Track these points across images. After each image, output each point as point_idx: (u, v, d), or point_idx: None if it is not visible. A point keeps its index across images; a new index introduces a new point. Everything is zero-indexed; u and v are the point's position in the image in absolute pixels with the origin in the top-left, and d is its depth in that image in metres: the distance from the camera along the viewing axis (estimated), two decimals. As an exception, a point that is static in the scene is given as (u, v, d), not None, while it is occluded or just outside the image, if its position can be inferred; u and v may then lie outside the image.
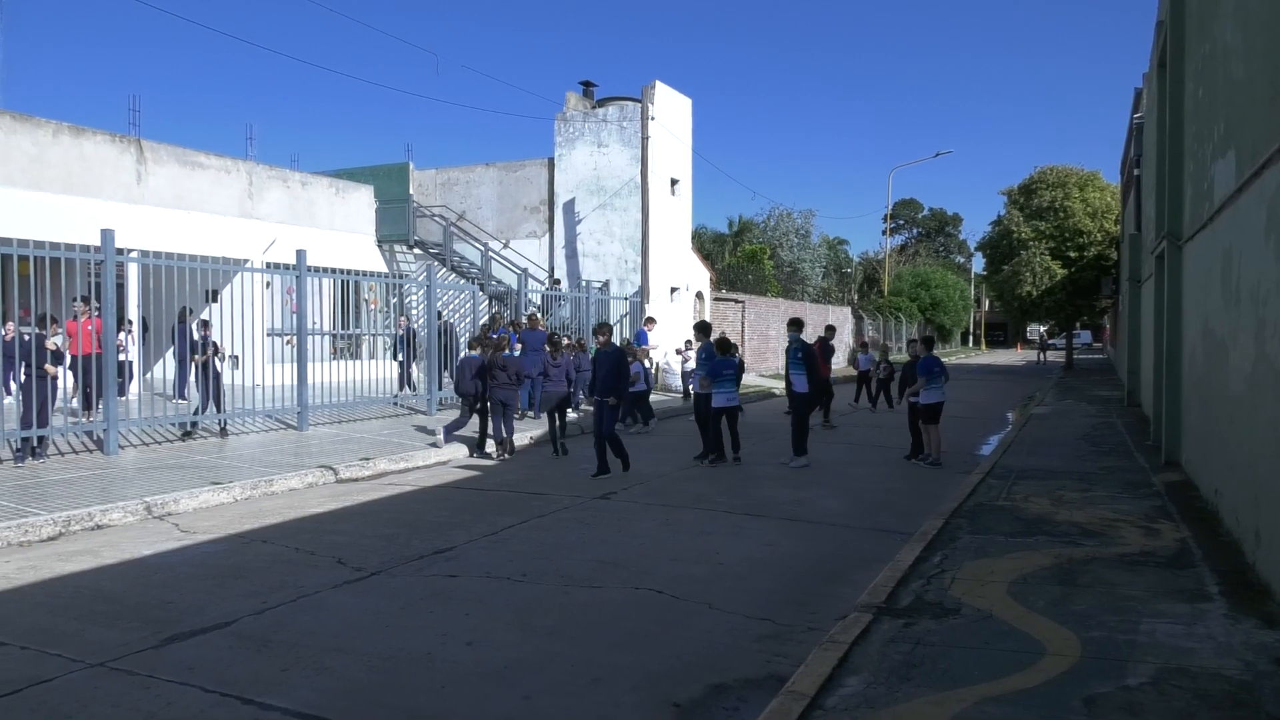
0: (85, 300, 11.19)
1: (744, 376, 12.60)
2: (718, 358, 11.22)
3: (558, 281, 22.89)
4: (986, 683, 3.89)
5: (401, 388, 16.04)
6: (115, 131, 16.97)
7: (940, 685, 3.87)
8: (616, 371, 10.20)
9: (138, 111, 42.40)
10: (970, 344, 68.91)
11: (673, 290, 23.49)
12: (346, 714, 3.79)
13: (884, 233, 56.70)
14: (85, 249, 10.36)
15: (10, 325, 9.86)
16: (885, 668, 4.09)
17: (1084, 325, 53.87)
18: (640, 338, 18.24)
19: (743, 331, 27.81)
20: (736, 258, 42.08)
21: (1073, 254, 32.32)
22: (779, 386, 15.21)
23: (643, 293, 21.67)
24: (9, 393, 10.39)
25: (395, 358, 16.69)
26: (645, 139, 21.56)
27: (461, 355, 13.17)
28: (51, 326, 9.66)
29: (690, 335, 16.82)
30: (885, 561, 6.13)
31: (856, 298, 54.63)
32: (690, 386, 17.84)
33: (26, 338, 9.01)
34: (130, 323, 14.20)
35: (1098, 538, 6.61)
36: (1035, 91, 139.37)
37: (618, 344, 11.50)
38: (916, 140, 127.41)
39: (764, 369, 28.05)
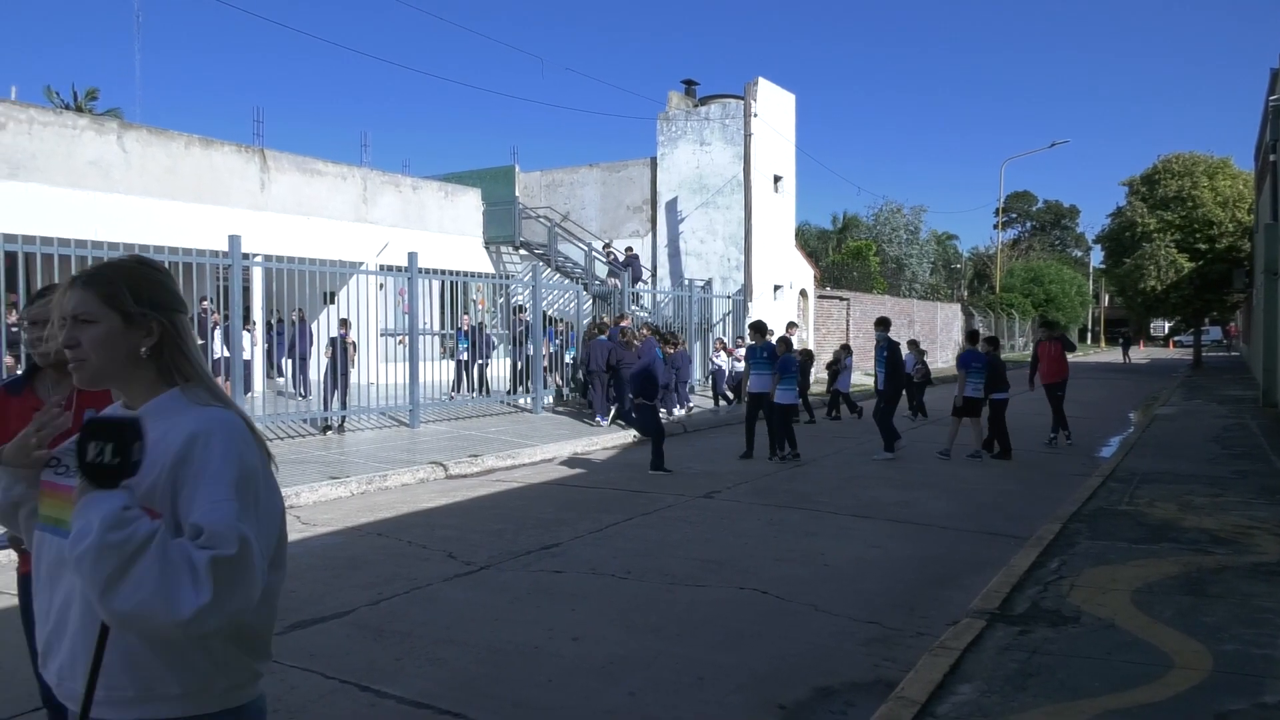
0: (205, 299, 11.84)
1: (851, 375, 12.75)
2: (781, 356, 11.44)
3: (627, 272, 22.96)
4: (1109, 695, 3.73)
5: (457, 388, 16.14)
6: (241, 142, 17.86)
7: (1059, 696, 3.73)
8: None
9: (261, 122, 44.48)
10: (1089, 341, 66.08)
11: (776, 288, 23.28)
12: (457, 704, 3.89)
13: (995, 227, 54.84)
14: (214, 254, 10.93)
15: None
16: (1000, 676, 3.97)
17: (1212, 321, 50.96)
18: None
19: (847, 329, 27.37)
20: (841, 255, 41.43)
21: (1201, 246, 30.63)
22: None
23: (746, 291, 21.56)
24: None
25: (455, 357, 16.84)
26: (748, 136, 21.44)
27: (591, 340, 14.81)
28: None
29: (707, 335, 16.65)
30: (997, 566, 5.94)
31: (966, 294, 53.00)
32: (723, 388, 17.60)
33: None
34: (254, 323, 14.92)
35: (1230, 545, 6.25)
36: (1157, 76, 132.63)
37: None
38: (1030, 130, 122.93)
39: (869, 368, 27.48)
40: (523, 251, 23.30)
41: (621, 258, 21.53)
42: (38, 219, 13.61)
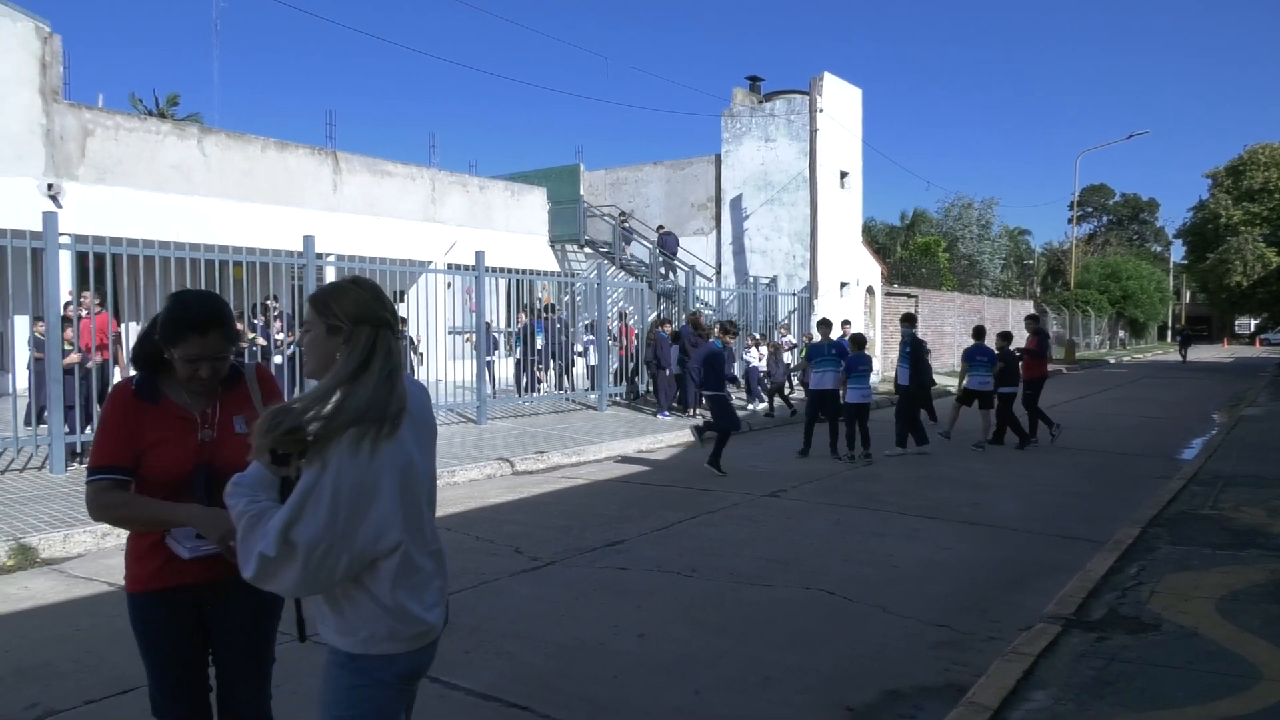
0: (276, 299, 12.19)
1: (930, 374, 12.75)
2: (852, 354, 11.34)
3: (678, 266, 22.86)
4: (1192, 706, 3.61)
5: (519, 385, 16.12)
6: (314, 144, 18.29)
7: (1138, 705, 3.62)
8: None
9: (334, 125, 45.47)
10: (1169, 339, 63.94)
11: (842, 285, 23.01)
12: (524, 698, 3.94)
13: (1070, 221, 53.45)
14: (289, 254, 11.21)
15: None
16: (1076, 683, 3.86)
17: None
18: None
19: (916, 327, 26.90)
20: (909, 251, 40.76)
21: (1291, 239, 29.40)
22: (954, 384, 14.63)
23: (811, 288, 21.35)
24: None
25: (512, 354, 16.87)
26: (813, 132, 21.21)
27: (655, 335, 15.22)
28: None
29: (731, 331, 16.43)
30: (1073, 570, 5.79)
31: (1039, 291, 51.71)
32: (757, 388, 17.18)
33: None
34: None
35: (1323, 553, 5.99)
36: (1240, 64, 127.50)
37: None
38: (1107, 122, 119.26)
39: (938, 366, 27.01)
40: (588, 250, 23.43)
41: (654, 235, 21.66)
42: (124, 221, 14.13)
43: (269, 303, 12.36)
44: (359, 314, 1.98)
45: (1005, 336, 12.68)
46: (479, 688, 4.02)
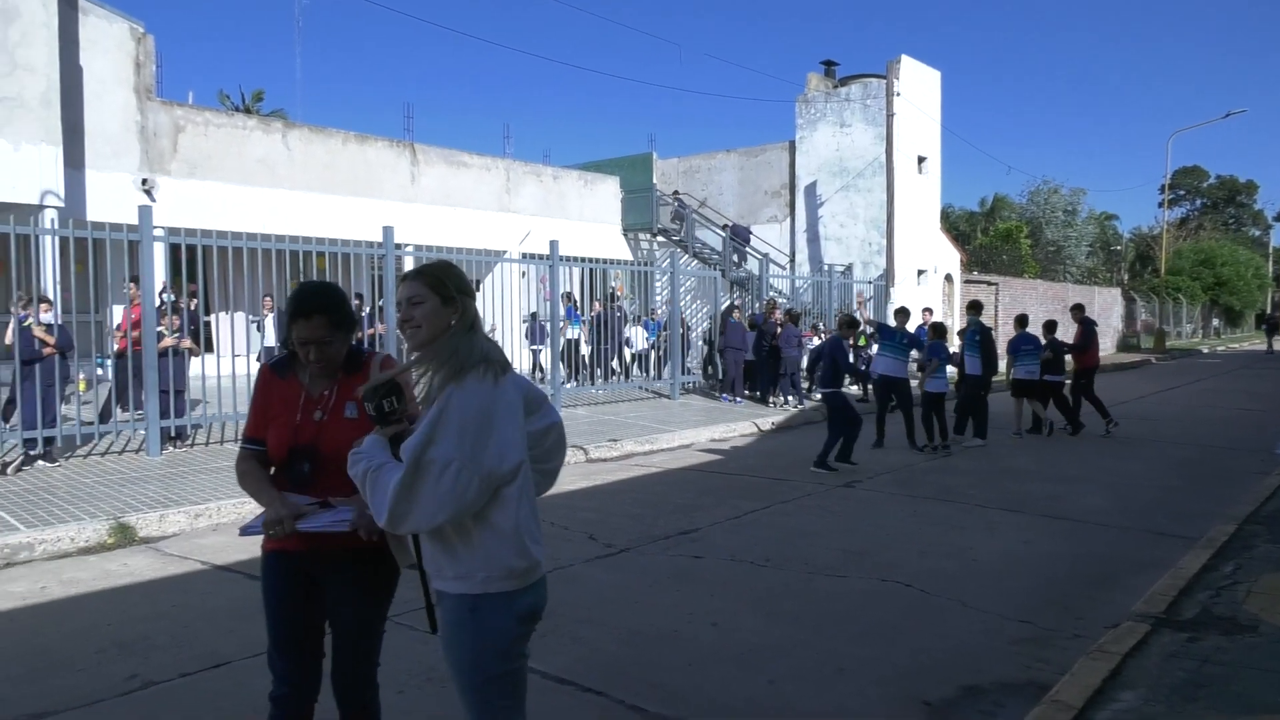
0: (359, 296, 12.52)
1: (998, 364, 12.40)
2: (931, 342, 11.19)
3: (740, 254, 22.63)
4: (1290, 710, 3.46)
5: (592, 373, 16.11)
6: (392, 136, 18.66)
7: (1233, 710, 3.49)
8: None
9: (411, 117, 46.30)
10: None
11: (919, 273, 22.57)
12: (599, 683, 3.98)
13: (1161, 205, 51.34)
14: (369, 244, 11.47)
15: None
16: (1165, 685, 3.74)
17: None
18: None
19: (995, 315, 26.25)
20: (990, 237, 39.72)
21: (1404, 222, 27.73)
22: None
23: (887, 276, 21.00)
24: None
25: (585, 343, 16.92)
26: (890, 116, 20.82)
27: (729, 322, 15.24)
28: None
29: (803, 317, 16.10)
30: (1163, 567, 5.60)
31: (1127, 278, 49.89)
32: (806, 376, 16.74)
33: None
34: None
35: None
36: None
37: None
38: (1201, 101, 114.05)
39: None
40: (660, 238, 23.42)
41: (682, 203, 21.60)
42: (213, 214, 14.63)
43: (353, 299, 12.74)
44: (464, 287, 2.31)
45: (1050, 326, 12.64)
46: (554, 671, 4.07)
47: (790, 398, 15.11)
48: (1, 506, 6.83)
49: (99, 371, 10.42)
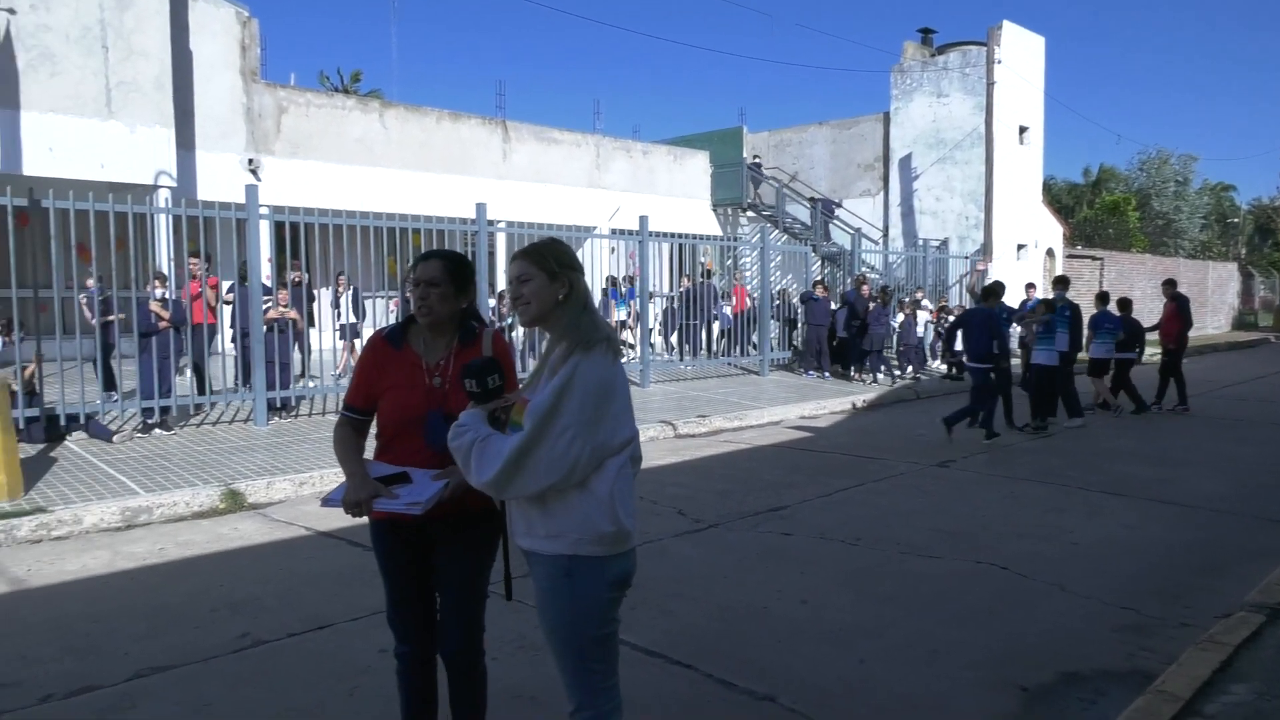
0: (410, 271, 12.75)
1: (1143, 344, 12.29)
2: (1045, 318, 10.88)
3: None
4: None
5: (681, 349, 15.99)
6: (485, 114, 18.90)
7: (1355, 705, 3.31)
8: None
9: (503, 94, 46.77)
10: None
11: (1019, 247, 21.86)
12: (688, 656, 4.01)
13: (1284, 174, 48.28)
14: (462, 221, 11.68)
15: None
16: (1281, 677, 3.57)
17: None
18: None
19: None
20: (1095, 210, 38.12)
21: None
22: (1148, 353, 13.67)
23: (985, 251, 20.39)
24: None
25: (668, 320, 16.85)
26: (990, 85, 20.14)
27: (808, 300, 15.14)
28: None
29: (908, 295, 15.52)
30: (1278, 556, 5.33)
31: (1244, 252, 47.27)
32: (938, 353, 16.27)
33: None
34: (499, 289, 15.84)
35: None
36: None
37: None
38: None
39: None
40: (750, 214, 23.21)
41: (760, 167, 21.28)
42: (313, 192, 15.10)
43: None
44: (568, 262, 2.36)
45: (1124, 304, 12.38)
46: (643, 643, 4.12)
47: (880, 375, 14.86)
48: (123, 472, 7.24)
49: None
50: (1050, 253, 23.95)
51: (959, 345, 15.77)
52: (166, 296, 8.88)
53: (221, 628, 4.35)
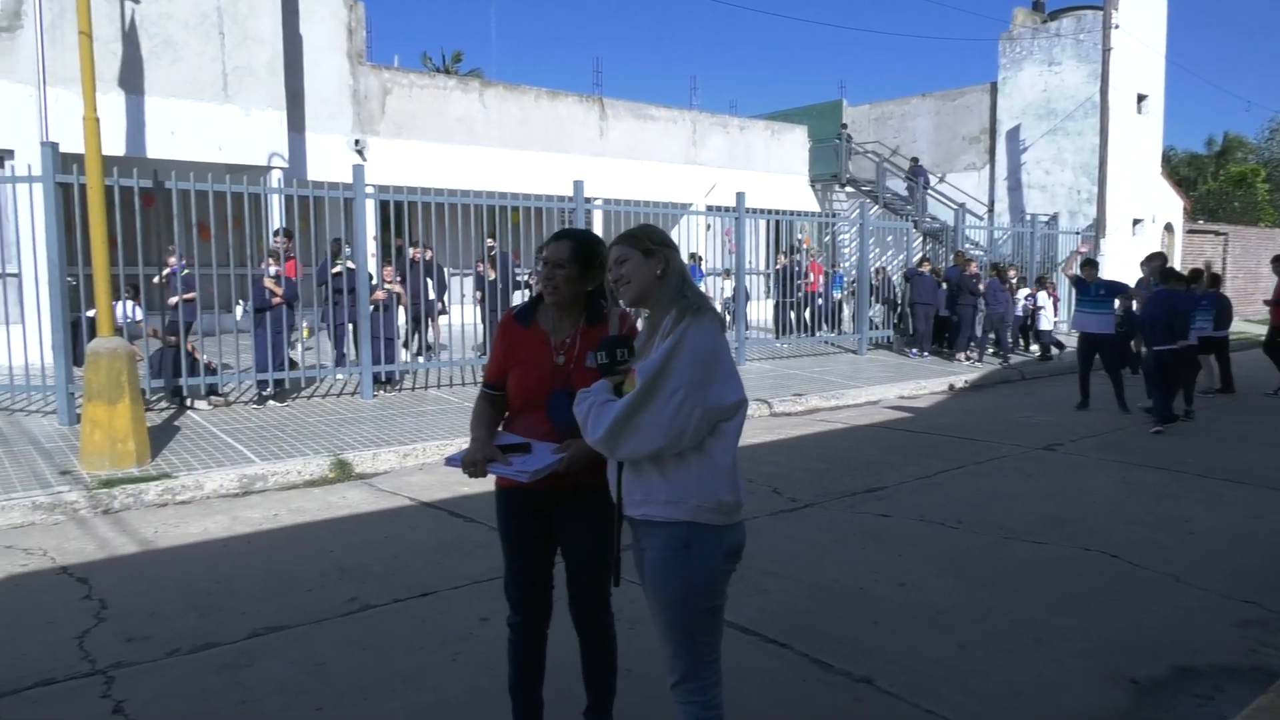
0: (540, 250, 12.89)
1: (1231, 322, 11.45)
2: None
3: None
4: None
5: (777, 327, 15.71)
6: (582, 92, 18.99)
7: None
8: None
9: (600, 72, 46.89)
10: None
11: (1135, 222, 20.88)
12: (783, 635, 4.00)
13: None
14: (559, 199, 11.79)
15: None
16: None
17: None
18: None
19: (1224, 268, 23.94)
20: (1219, 182, 36.07)
21: None
22: (1260, 332, 12.92)
23: (1098, 226, 19.53)
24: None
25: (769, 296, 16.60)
26: (1106, 51, 19.19)
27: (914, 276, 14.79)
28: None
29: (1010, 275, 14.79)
30: None
31: (1391, 225, 43.99)
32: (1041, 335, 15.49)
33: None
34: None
35: None
36: None
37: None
38: None
39: (1250, 312, 23.95)
40: (849, 189, 22.76)
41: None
42: (416, 171, 15.47)
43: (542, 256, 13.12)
44: (661, 239, 2.43)
45: (1214, 280, 11.64)
46: (739, 621, 4.12)
47: (988, 355, 14.45)
48: (240, 441, 7.60)
49: (305, 323, 11.27)
50: (1169, 228, 22.79)
51: (1044, 325, 15.28)
52: (280, 274, 9.23)
53: (331, 592, 4.53)
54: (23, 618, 4.19)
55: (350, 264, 9.99)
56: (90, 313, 8.05)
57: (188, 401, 8.86)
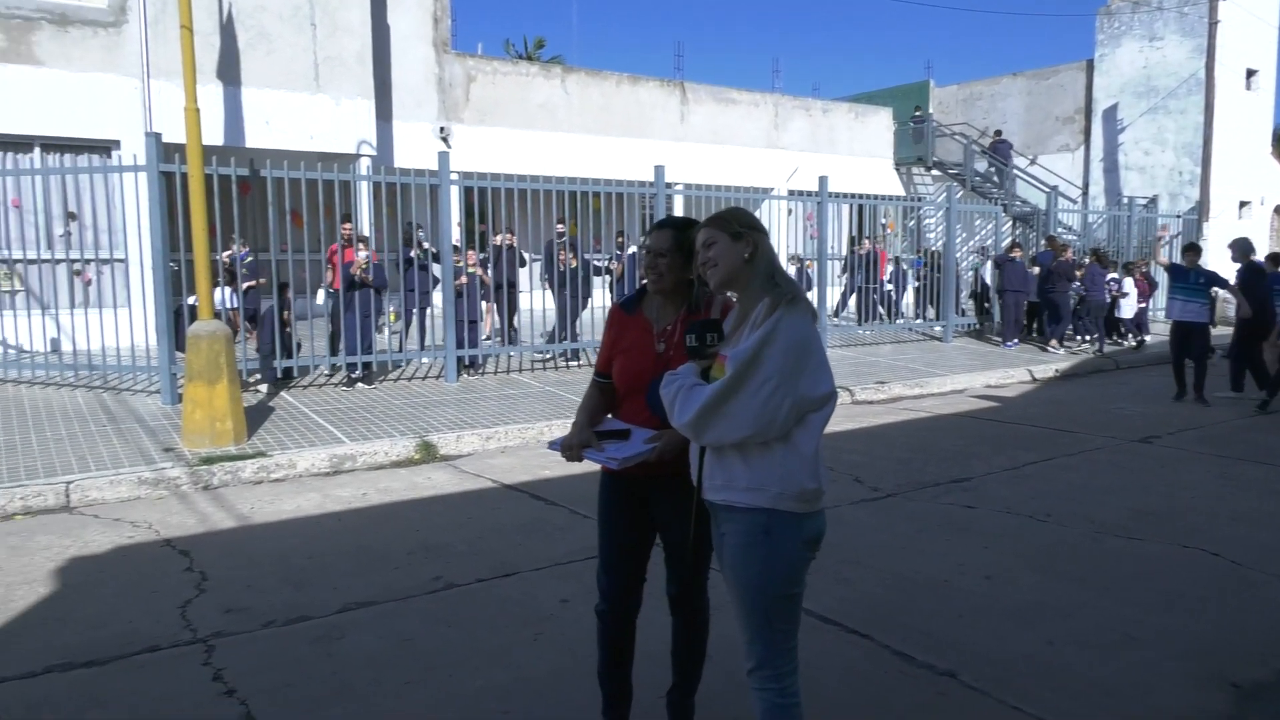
0: (621, 234, 12.93)
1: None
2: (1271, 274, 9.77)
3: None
4: None
5: (859, 314, 15.38)
6: (663, 77, 18.94)
7: None
8: None
9: (681, 56, 46.67)
10: None
11: (1241, 205, 19.91)
12: (864, 625, 3.96)
13: None
14: (640, 184, 11.80)
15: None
16: None
17: None
18: None
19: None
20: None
21: None
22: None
23: (1200, 209, 18.70)
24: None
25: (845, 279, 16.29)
26: (1213, 25, 18.31)
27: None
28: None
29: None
30: None
31: None
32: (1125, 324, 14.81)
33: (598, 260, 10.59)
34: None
35: None
36: None
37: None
38: None
39: None
40: (935, 172, 22.23)
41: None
42: (499, 158, 15.65)
43: (619, 239, 13.12)
44: (750, 223, 2.40)
45: (1276, 259, 10.22)
46: (819, 610, 4.10)
47: (1085, 342, 13.99)
48: (330, 421, 7.83)
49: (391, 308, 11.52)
50: (1279, 210, 21.67)
51: (1125, 313, 14.65)
52: (369, 259, 9.46)
53: (418, 569, 4.65)
54: (131, 587, 4.42)
55: (429, 246, 10.18)
56: (191, 299, 8.39)
57: (278, 382, 9.17)
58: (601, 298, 12.31)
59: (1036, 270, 14.35)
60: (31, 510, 5.73)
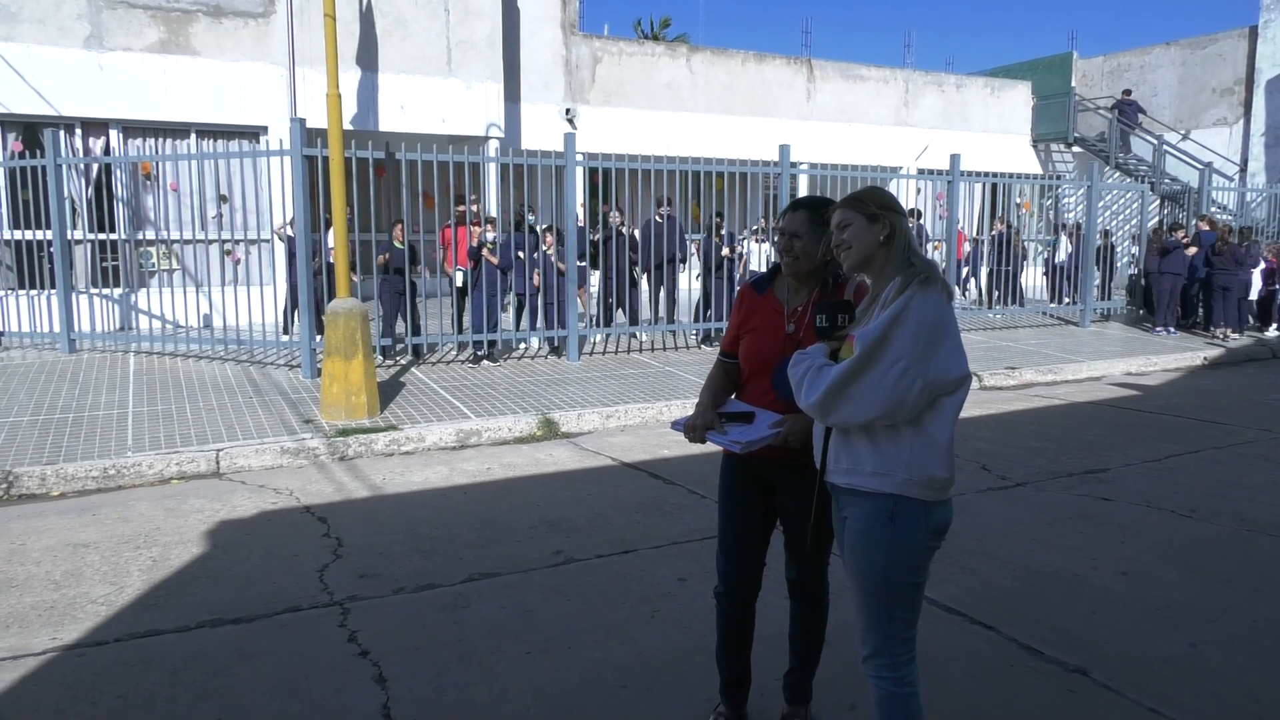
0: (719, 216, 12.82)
1: None
2: None
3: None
4: None
5: (990, 298, 14.81)
6: (789, 54, 18.62)
7: None
8: None
9: (809, 33, 45.87)
10: None
11: None
12: (990, 617, 3.84)
13: None
14: (765, 164, 11.66)
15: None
16: None
17: None
18: None
19: None
20: None
21: None
22: None
23: (1378, 186, 17.14)
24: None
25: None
26: (1400, -16, 16.67)
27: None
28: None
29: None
30: None
31: None
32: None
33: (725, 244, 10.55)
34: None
35: None
36: None
37: None
38: None
39: None
40: (1077, 149, 21.11)
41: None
42: (624, 138, 15.75)
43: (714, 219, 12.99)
44: (888, 204, 2.34)
45: None
46: (943, 600, 4.01)
47: (1234, 331, 13.11)
48: (457, 397, 8.10)
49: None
50: None
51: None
52: (496, 240, 9.70)
53: (539, 543, 4.77)
54: (275, 551, 4.69)
55: (539, 227, 10.34)
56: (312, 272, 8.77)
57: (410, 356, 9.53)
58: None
59: (1192, 252, 13.49)
60: (185, 475, 6.15)
